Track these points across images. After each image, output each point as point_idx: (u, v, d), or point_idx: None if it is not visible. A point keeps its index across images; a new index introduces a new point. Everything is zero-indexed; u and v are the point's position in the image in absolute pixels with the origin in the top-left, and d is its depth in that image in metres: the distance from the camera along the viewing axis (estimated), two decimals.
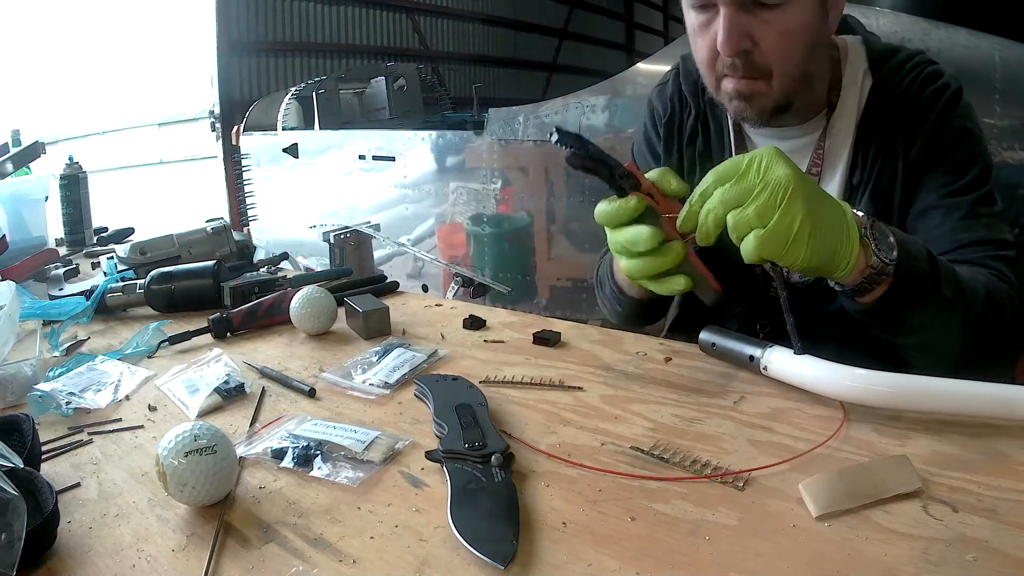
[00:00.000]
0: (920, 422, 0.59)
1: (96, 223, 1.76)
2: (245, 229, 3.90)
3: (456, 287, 2.88)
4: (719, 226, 0.62)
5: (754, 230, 0.60)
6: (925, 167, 0.83)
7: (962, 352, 0.75)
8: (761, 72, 0.79)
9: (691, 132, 0.97)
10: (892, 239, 0.66)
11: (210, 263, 1.09)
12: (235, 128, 4.06)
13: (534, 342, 0.85)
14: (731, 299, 0.94)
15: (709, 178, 0.63)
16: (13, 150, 1.73)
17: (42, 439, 0.62)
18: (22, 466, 0.51)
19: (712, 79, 0.83)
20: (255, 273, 1.14)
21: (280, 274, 1.11)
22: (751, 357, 0.70)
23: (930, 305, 0.69)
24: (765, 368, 0.68)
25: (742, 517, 0.48)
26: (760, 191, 0.60)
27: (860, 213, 0.66)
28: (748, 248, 0.60)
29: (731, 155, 0.94)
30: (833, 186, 0.88)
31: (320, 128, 3.86)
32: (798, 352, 0.66)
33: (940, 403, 0.59)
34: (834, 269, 0.63)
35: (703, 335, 0.76)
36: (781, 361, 0.67)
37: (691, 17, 0.81)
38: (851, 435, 0.58)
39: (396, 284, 1.14)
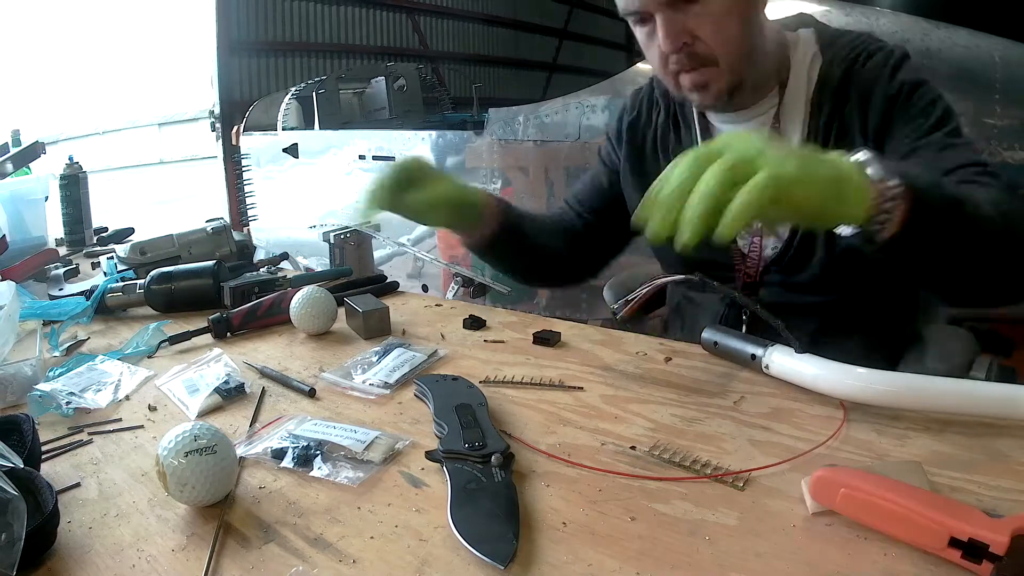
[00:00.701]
0: (920, 422, 0.59)
1: (96, 223, 1.76)
2: (245, 229, 3.91)
3: (456, 287, 2.88)
4: (683, 197, 0.55)
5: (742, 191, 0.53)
6: (887, 126, 0.84)
7: (1006, 271, 0.70)
8: (707, 60, 0.83)
9: (663, 130, 1.03)
10: (891, 163, 0.61)
11: (210, 263, 1.09)
12: (235, 128, 4.06)
13: (534, 342, 0.85)
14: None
15: (669, 168, 0.58)
16: (13, 150, 1.73)
17: (42, 439, 0.62)
18: (22, 466, 0.51)
19: (671, 80, 0.88)
20: (255, 273, 1.14)
21: (280, 274, 1.11)
22: (753, 356, 0.70)
23: (960, 223, 0.65)
24: (767, 367, 0.69)
25: (742, 517, 0.48)
26: (728, 156, 0.54)
27: (862, 155, 0.61)
28: (753, 191, 0.53)
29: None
30: None
31: (320, 128, 3.86)
32: (799, 351, 0.66)
33: (940, 402, 0.59)
34: (843, 209, 0.59)
35: (705, 334, 0.77)
36: (782, 360, 0.67)
37: (637, 33, 0.87)
38: (851, 435, 0.59)
39: (396, 284, 1.14)
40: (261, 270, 1.17)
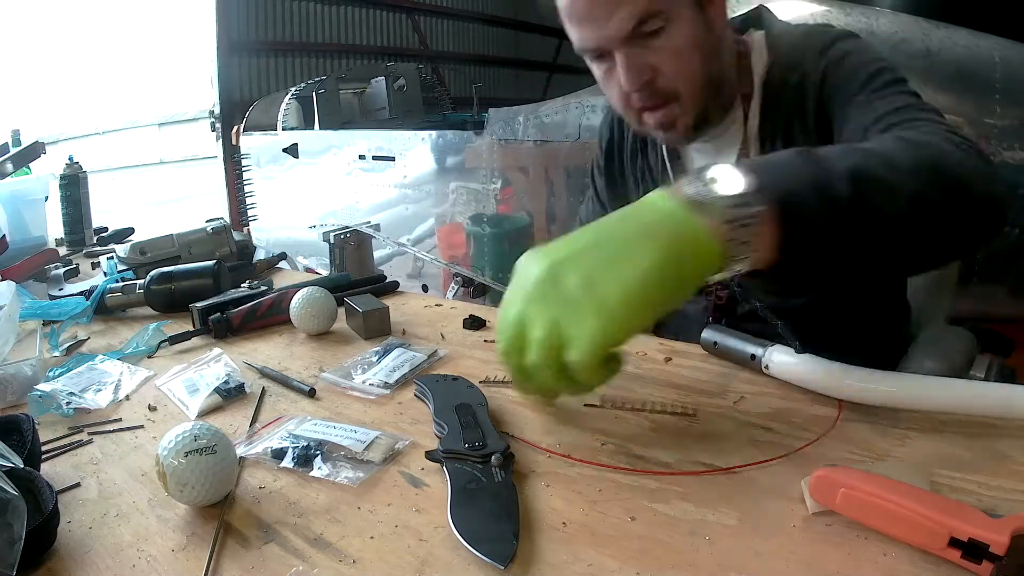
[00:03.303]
0: (920, 422, 0.59)
1: (96, 223, 1.76)
2: (245, 229, 3.91)
3: (456, 287, 2.88)
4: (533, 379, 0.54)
5: (573, 343, 0.49)
6: (824, 114, 0.81)
7: (928, 237, 0.55)
8: (669, 96, 0.80)
9: (632, 151, 1.02)
10: (741, 171, 0.50)
11: (210, 263, 1.09)
12: (235, 128, 4.06)
13: None
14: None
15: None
16: (13, 150, 1.73)
17: (42, 439, 0.62)
18: (22, 466, 0.51)
19: (634, 118, 0.85)
20: (237, 289, 1.09)
21: (262, 288, 1.07)
22: (753, 356, 0.70)
23: (867, 210, 0.51)
24: (766, 367, 0.68)
25: (742, 517, 0.48)
26: (535, 350, 0.51)
27: (689, 182, 0.51)
28: (582, 369, 0.50)
29: (667, 170, 0.96)
30: None
31: (320, 128, 3.86)
32: (798, 351, 0.66)
33: (939, 402, 0.59)
34: (688, 270, 0.49)
35: (705, 334, 0.76)
36: (782, 360, 0.67)
37: (595, 70, 0.84)
38: (851, 434, 0.58)
39: (396, 284, 1.14)
40: (243, 285, 1.11)
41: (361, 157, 3.31)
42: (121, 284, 1.08)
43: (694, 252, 0.49)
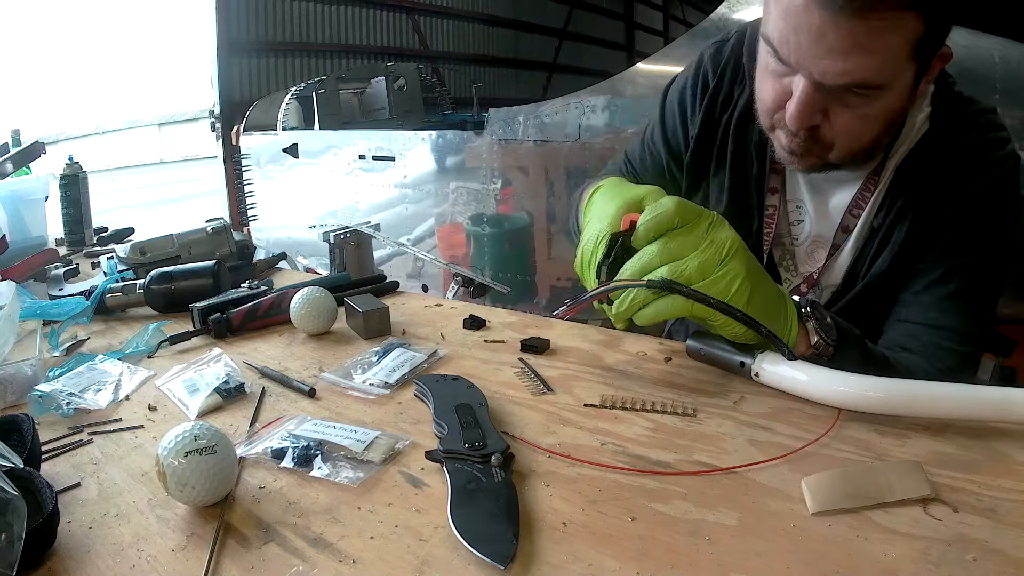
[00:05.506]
0: (920, 422, 0.59)
1: (96, 223, 1.76)
2: (245, 229, 3.91)
3: (456, 287, 2.88)
4: (645, 273, 0.64)
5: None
6: (946, 227, 0.77)
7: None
8: (823, 144, 0.73)
9: (741, 115, 0.88)
10: (830, 320, 0.69)
11: (210, 263, 1.09)
12: (235, 128, 4.06)
13: (522, 349, 0.82)
14: None
15: (651, 228, 0.65)
16: (13, 150, 1.73)
17: (42, 439, 0.62)
18: (22, 466, 0.51)
19: (768, 122, 0.77)
20: (237, 289, 1.08)
21: (262, 288, 1.07)
22: (742, 364, 0.69)
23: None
24: (757, 375, 0.67)
25: (742, 517, 0.48)
26: (706, 246, 0.63)
27: (797, 298, 0.70)
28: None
29: (764, 176, 0.88)
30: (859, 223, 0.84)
31: (320, 128, 3.86)
32: (789, 358, 0.65)
33: (934, 407, 0.58)
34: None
35: (690, 342, 0.74)
36: (774, 368, 0.66)
37: (764, 56, 0.73)
38: (851, 434, 0.59)
39: (396, 284, 1.14)
40: (243, 285, 1.10)
41: (361, 157, 3.31)
42: (121, 284, 1.08)
43: (783, 327, 0.68)
